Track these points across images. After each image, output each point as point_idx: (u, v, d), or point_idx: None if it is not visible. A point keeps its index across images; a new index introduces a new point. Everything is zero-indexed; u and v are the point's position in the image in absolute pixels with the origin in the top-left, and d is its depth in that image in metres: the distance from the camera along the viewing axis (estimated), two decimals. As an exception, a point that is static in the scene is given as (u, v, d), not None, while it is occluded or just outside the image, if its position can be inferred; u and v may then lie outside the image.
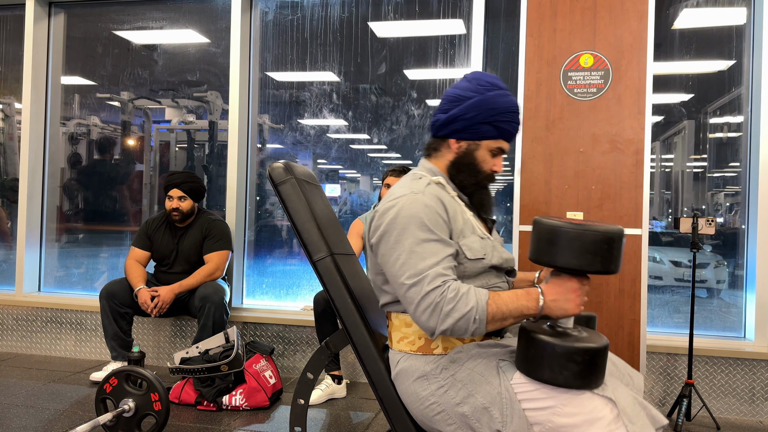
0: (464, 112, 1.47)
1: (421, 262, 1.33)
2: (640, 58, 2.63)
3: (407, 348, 1.46)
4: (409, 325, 1.46)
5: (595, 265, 1.24)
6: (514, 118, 1.49)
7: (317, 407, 2.88)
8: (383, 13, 3.57)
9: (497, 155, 1.52)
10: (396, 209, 1.39)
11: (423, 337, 1.44)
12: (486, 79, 1.50)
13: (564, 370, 1.23)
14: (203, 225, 3.27)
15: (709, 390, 2.93)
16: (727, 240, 3.20)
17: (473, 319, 1.28)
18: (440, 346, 1.43)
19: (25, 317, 3.75)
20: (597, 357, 1.24)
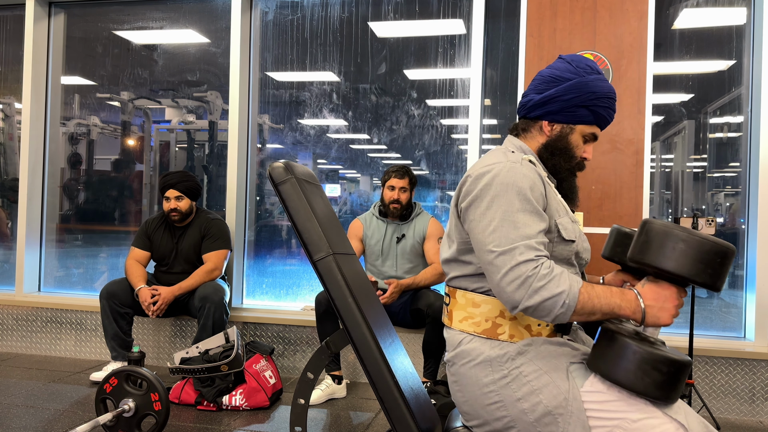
0: (562, 94, 1.42)
1: (515, 231, 1.25)
2: (640, 58, 2.63)
3: (471, 329, 1.38)
4: (477, 306, 1.38)
5: (704, 276, 1.19)
6: (611, 105, 1.45)
7: (317, 407, 2.88)
8: (383, 13, 3.57)
9: (589, 142, 1.48)
10: (492, 174, 1.32)
11: (490, 320, 1.37)
12: (586, 62, 1.45)
13: (646, 377, 1.20)
14: (202, 224, 3.27)
15: (709, 390, 2.93)
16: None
17: (562, 303, 1.19)
18: (507, 332, 1.35)
19: (25, 317, 3.75)
20: (681, 371, 1.21)
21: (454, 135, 3.52)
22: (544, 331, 1.37)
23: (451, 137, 3.52)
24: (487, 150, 3.44)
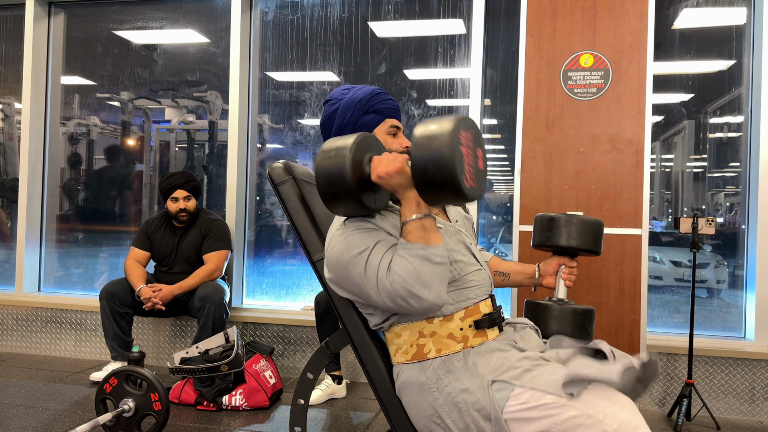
0: (342, 118, 1.57)
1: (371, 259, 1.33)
2: (640, 58, 2.63)
3: (403, 359, 1.44)
4: (399, 336, 1.43)
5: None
6: (383, 98, 1.61)
7: (317, 407, 2.88)
8: (383, 13, 3.57)
9: (396, 134, 1.64)
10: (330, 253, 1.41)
11: (414, 343, 1.41)
12: (338, 90, 1.64)
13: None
14: (202, 225, 3.27)
15: (709, 390, 2.93)
16: (727, 240, 3.20)
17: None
18: (432, 349, 1.39)
19: (25, 317, 3.75)
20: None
21: (454, 135, 3.51)
22: (469, 332, 1.40)
23: (451, 137, 3.52)
24: (487, 150, 3.45)
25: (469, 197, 1.25)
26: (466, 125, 1.28)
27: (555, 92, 2.71)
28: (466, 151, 1.25)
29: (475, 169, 1.29)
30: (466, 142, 1.27)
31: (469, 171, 1.26)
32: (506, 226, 3.47)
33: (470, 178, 1.25)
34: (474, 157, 1.29)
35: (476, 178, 1.29)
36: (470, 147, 1.28)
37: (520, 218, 2.73)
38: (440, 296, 1.29)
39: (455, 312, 1.41)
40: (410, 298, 1.27)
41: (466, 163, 1.25)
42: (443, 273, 1.29)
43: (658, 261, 3.30)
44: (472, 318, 1.41)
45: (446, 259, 1.31)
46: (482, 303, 1.45)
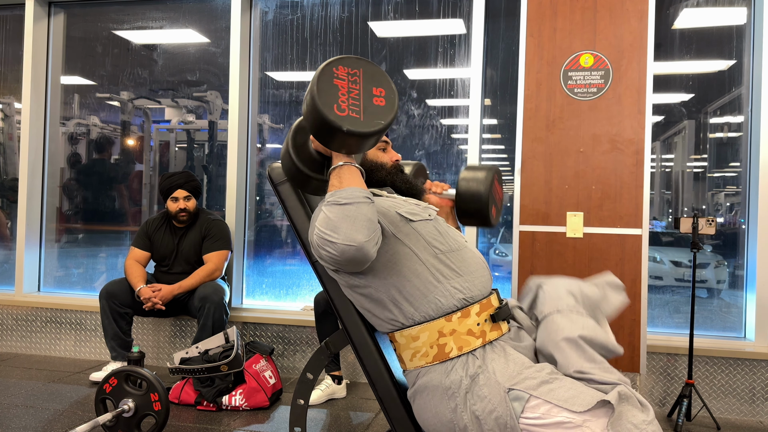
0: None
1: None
2: (641, 58, 2.63)
3: (422, 362, 1.42)
4: (416, 339, 1.42)
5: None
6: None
7: (317, 407, 2.88)
8: (383, 13, 3.57)
9: (386, 149, 1.75)
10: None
11: (434, 344, 1.40)
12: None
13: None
14: (202, 225, 3.27)
15: (710, 390, 2.93)
16: (727, 240, 3.20)
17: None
18: (454, 347, 1.39)
19: (25, 317, 3.75)
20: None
21: (454, 135, 3.52)
22: (486, 327, 1.42)
23: (451, 137, 3.52)
24: (487, 150, 3.44)
25: (343, 125, 1.34)
26: (351, 63, 1.39)
27: (555, 92, 2.71)
28: (341, 83, 1.36)
29: (363, 103, 1.37)
30: (346, 76, 1.37)
31: (347, 102, 1.35)
32: (506, 226, 3.47)
33: (347, 108, 1.35)
34: (361, 92, 1.38)
35: (362, 110, 1.37)
36: (355, 82, 1.38)
37: (520, 218, 2.73)
38: (350, 237, 1.29)
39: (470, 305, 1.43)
40: (325, 246, 1.31)
41: (341, 93, 1.35)
42: (352, 213, 1.30)
43: (658, 261, 3.30)
44: (487, 312, 1.44)
45: (356, 198, 1.32)
46: (492, 297, 1.49)
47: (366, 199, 1.33)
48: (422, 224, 1.49)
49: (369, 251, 1.31)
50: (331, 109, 1.30)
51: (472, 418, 1.33)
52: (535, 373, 1.33)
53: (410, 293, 1.42)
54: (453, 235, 1.53)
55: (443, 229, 1.52)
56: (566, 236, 2.66)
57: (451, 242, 1.50)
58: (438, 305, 1.41)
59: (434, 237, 1.48)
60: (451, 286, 1.43)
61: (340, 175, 1.37)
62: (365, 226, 1.30)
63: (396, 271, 1.42)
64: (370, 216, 1.32)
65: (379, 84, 1.38)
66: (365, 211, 1.32)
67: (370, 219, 1.32)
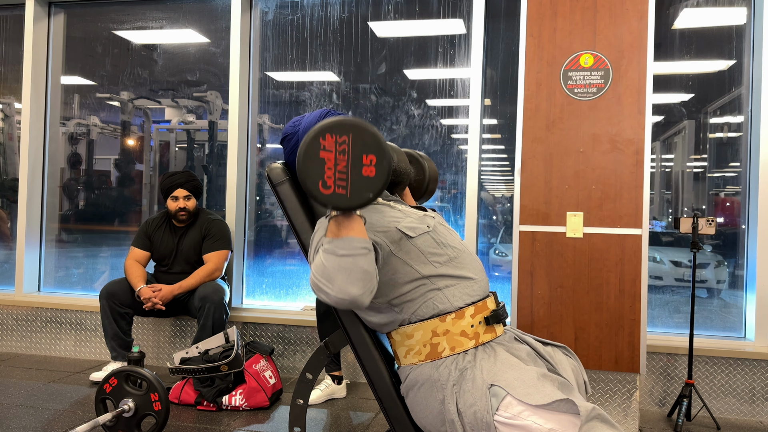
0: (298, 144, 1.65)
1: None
2: (640, 58, 2.63)
3: (415, 359, 1.45)
4: (411, 336, 1.45)
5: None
6: (334, 114, 1.67)
7: (317, 407, 2.88)
8: (383, 13, 3.57)
9: None
10: None
11: (427, 343, 1.43)
12: (288, 125, 1.72)
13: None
14: (203, 225, 3.27)
15: (710, 390, 2.93)
16: (727, 240, 3.20)
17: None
18: (447, 347, 1.42)
19: (25, 317, 3.75)
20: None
21: (454, 135, 3.52)
22: (480, 329, 1.44)
23: (451, 137, 3.52)
24: (487, 150, 3.44)
25: (327, 203, 1.28)
26: (340, 129, 1.28)
27: (555, 92, 2.71)
28: (328, 156, 1.27)
29: (350, 176, 1.29)
30: (334, 147, 1.28)
31: (333, 177, 1.28)
32: (506, 226, 3.47)
33: (333, 185, 1.28)
34: (349, 163, 1.29)
35: (349, 185, 1.28)
36: (344, 152, 1.29)
37: (520, 218, 2.73)
38: (345, 290, 1.27)
39: (465, 307, 1.44)
40: (320, 293, 1.31)
41: (327, 168, 1.27)
42: (348, 265, 1.28)
43: (658, 261, 3.30)
44: (482, 314, 1.46)
45: (354, 250, 1.29)
46: (488, 299, 1.50)
47: (364, 250, 1.30)
48: (422, 238, 1.49)
49: (363, 303, 1.30)
50: (316, 187, 1.27)
51: (456, 411, 1.36)
52: (517, 372, 1.35)
53: (409, 302, 1.46)
54: (450, 242, 1.54)
55: (441, 239, 1.53)
56: (566, 236, 2.66)
57: (450, 251, 1.51)
58: (435, 309, 1.45)
59: (434, 250, 1.49)
60: (451, 294, 1.45)
61: (339, 223, 1.33)
62: (360, 278, 1.28)
63: (396, 287, 1.45)
64: (367, 268, 1.30)
65: (369, 150, 1.30)
66: (362, 263, 1.29)
67: (366, 271, 1.29)
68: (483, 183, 3.44)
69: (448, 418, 1.36)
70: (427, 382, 1.41)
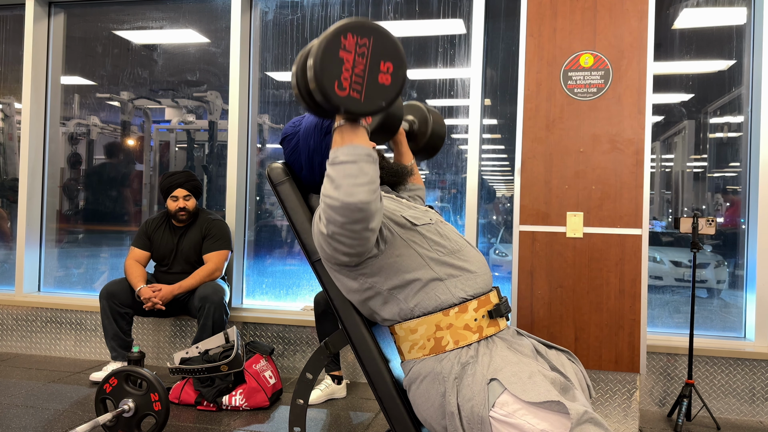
0: (307, 146, 1.63)
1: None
2: (640, 58, 2.63)
3: (419, 354, 1.45)
4: (414, 331, 1.45)
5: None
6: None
7: (317, 407, 2.88)
8: (383, 13, 3.57)
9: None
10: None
11: (431, 337, 1.44)
12: (288, 125, 1.72)
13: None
14: (203, 225, 3.27)
15: (710, 390, 2.93)
16: (727, 240, 3.20)
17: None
18: (450, 341, 1.42)
19: (25, 317, 3.75)
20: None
21: (454, 135, 3.52)
22: (483, 323, 1.45)
23: (451, 137, 3.52)
24: (487, 150, 3.44)
25: (340, 105, 1.21)
26: (363, 31, 1.22)
27: (555, 92, 2.71)
28: (347, 56, 1.21)
29: (366, 81, 1.23)
30: (354, 48, 1.22)
31: (349, 79, 1.21)
32: (506, 226, 3.47)
33: (348, 87, 1.21)
34: (366, 67, 1.23)
35: (364, 90, 1.23)
36: (363, 55, 1.23)
37: (520, 218, 2.73)
38: (350, 192, 1.24)
39: (469, 300, 1.45)
40: (328, 201, 1.27)
41: (345, 69, 1.20)
42: (353, 171, 1.26)
43: (658, 261, 3.30)
44: (485, 308, 1.46)
45: (358, 156, 1.27)
46: (491, 293, 1.51)
47: (368, 157, 1.28)
48: (425, 228, 1.51)
49: (371, 209, 1.27)
50: (332, 87, 1.19)
51: (456, 404, 1.36)
52: (516, 368, 1.35)
53: (413, 292, 1.45)
54: (453, 236, 1.55)
55: (444, 232, 1.54)
56: (566, 236, 2.66)
57: (453, 244, 1.52)
58: (438, 301, 1.45)
59: (437, 239, 1.50)
60: (453, 285, 1.46)
61: (342, 132, 1.31)
62: (366, 183, 1.25)
63: (401, 272, 1.45)
64: (372, 175, 1.27)
65: (388, 57, 1.25)
66: (367, 169, 1.27)
67: (371, 178, 1.27)
68: (484, 183, 3.44)
69: (448, 410, 1.36)
70: (429, 375, 1.42)
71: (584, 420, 1.23)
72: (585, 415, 1.23)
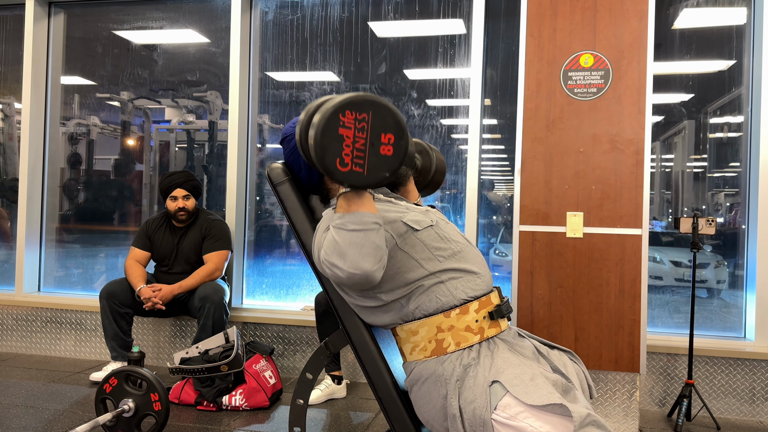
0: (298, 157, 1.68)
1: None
2: (640, 58, 2.63)
3: (421, 356, 1.45)
4: (416, 333, 1.45)
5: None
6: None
7: (317, 407, 2.88)
8: (383, 13, 3.57)
9: None
10: None
11: (432, 339, 1.44)
12: (288, 126, 1.74)
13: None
14: (203, 225, 3.27)
15: (710, 390, 2.93)
16: (727, 240, 3.20)
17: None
18: (452, 343, 1.42)
19: (25, 317, 3.75)
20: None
21: (454, 135, 3.52)
22: (484, 324, 1.45)
23: (451, 137, 3.52)
24: (487, 150, 3.44)
25: (344, 181, 1.26)
26: (361, 107, 1.26)
27: (555, 92, 2.71)
28: (347, 132, 1.25)
29: (367, 154, 1.27)
30: (353, 124, 1.26)
31: (351, 154, 1.25)
32: (506, 226, 3.47)
33: (350, 162, 1.25)
34: (367, 141, 1.27)
35: (366, 163, 1.27)
36: (363, 130, 1.27)
37: (520, 218, 2.73)
38: (357, 265, 1.28)
39: (470, 302, 1.45)
40: (332, 268, 1.31)
41: (346, 145, 1.25)
42: (359, 240, 1.29)
43: (658, 261, 3.30)
44: (486, 309, 1.46)
45: (365, 225, 1.30)
46: (492, 294, 1.51)
47: (375, 225, 1.32)
48: (426, 232, 1.50)
49: (375, 278, 1.32)
50: (334, 165, 1.24)
51: (458, 407, 1.36)
52: (518, 370, 1.35)
53: (414, 298, 1.45)
54: (454, 236, 1.55)
55: (444, 233, 1.53)
56: (566, 236, 2.66)
57: (453, 245, 1.52)
58: (439, 303, 1.45)
59: (438, 244, 1.50)
60: (454, 287, 1.46)
61: (349, 199, 1.34)
62: (372, 254, 1.30)
63: (401, 282, 1.45)
64: (378, 243, 1.32)
65: (388, 129, 1.29)
66: (373, 238, 1.31)
67: (377, 246, 1.31)
68: (484, 182, 3.44)
69: (450, 412, 1.36)
70: (431, 377, 1.42)
71: (587, 423, 1.23)
72: (588, 418, 1.23)
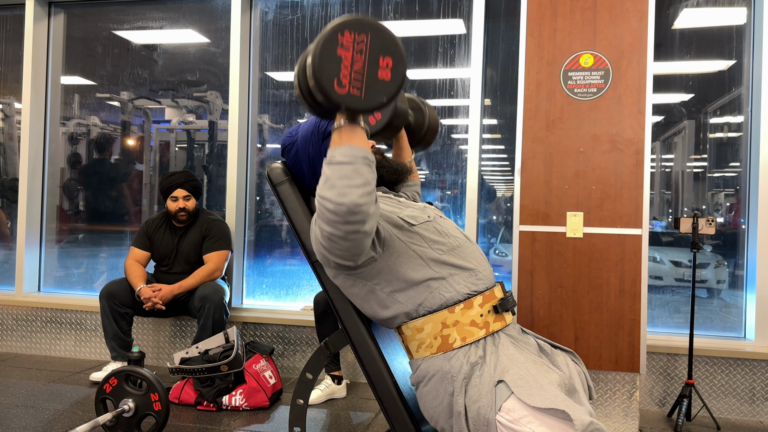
0: (307, 154, 1.67)
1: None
2: (640, 58, 2.63)
3: (427, 353, 1.45)
4: (421, 330, 1.45)
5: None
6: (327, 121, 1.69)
7: (317, 407, 2.88)
8: (383, 13, 3.57)
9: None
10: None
11: (438, 335, 1.43)
12: (285, 135, 1.76)
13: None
14: (203, 225, 3.27)
15: (710, 390, 2.93)
16: (727, 240, 3.20)
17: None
18: (457, 338, 1.42)
19: (25, 317, 3.75)
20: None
21: (454, 135, 3.52)
22: (489, 318, 1.45)
23: (451, 137, 3.52)
24: (487, 150, 3.44)
25: (341, 103, 1.21)
26: (360, 27, 1.21)
27: (555, 92, 2.71)
28: (345, 54, 1.20)
29: (365, 77, 1.23)
30: (352, 45, 1.21)
31: (349, 76, 1.21)
32: (506, 226, 3.47)
33: (348, 84, 1.21)
34: (365, 64, 1.22)
35: (364, 86, 1.23)
36: (361, 52, 1.22)
37: (520, 218, 2.73)
38: (343, 193, 1.24)
39: (473, 296, 1.44)
40: (322, 202, 1.27)
41: (344, 66, 1.20)
42: (348, 172, 1.25)
43: (658, 261, 3.30)
44: (490, 303, 1.46)
45: (354, 158, 1.26)
46: (495, 288, 1.50)
47: (365, 159, 1.28)
48: (423, 226, 1.51)
49: (365, 212, 1.26)
50: (331, 85, 1.19)
51: (464, 405, 1.36)
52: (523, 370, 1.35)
53: (415, 292, 1.45)
54: (452, 232, 1.55)
55: (443, 228, 1.53)
56: (566, 236, 2.66)
57: (452, 240, 1.51)
58: (443, 299, 1.44)
59: (436, 238, 1.50)
60: (456, 282, 1.45)
61: (341, 132, 1.31)
62: (361, 185, 1.25)
63: (401, 275, 1.44)
64: (367, 177, 1.27)
65: (387, 52, 1.24)
66: (363, 170, 1.26)
67: (366, 181, 1.26)
68: (485, 182, 3.44)
69: (455, 410, 1.36)
70: (438, 373, 1.41)
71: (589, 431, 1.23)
72: (590, 426, 1.22)
